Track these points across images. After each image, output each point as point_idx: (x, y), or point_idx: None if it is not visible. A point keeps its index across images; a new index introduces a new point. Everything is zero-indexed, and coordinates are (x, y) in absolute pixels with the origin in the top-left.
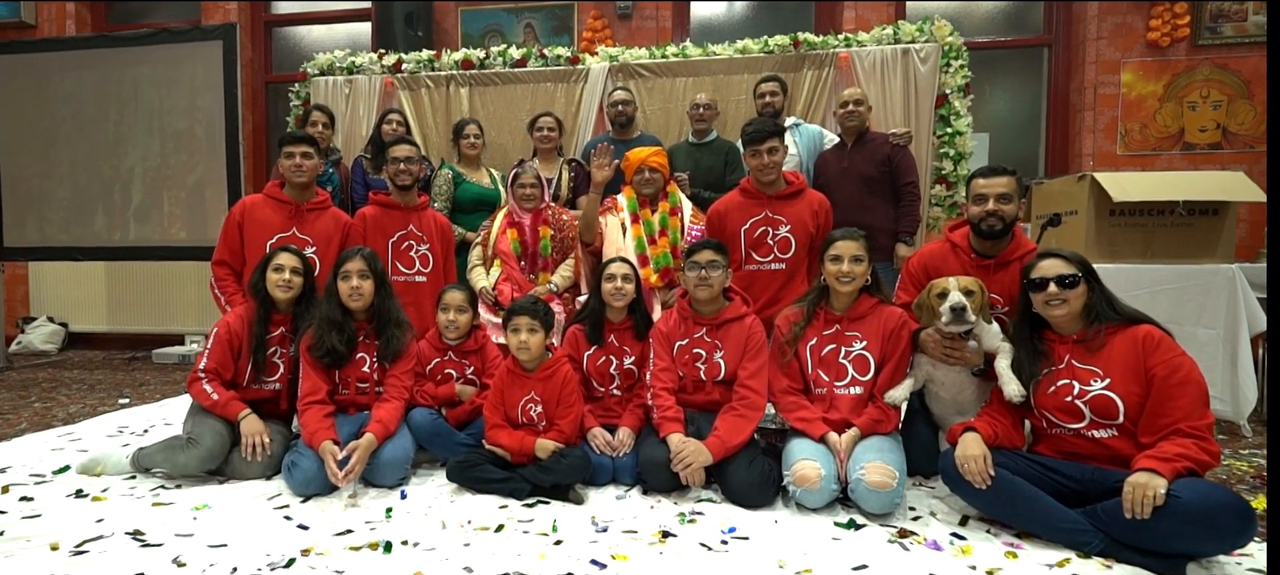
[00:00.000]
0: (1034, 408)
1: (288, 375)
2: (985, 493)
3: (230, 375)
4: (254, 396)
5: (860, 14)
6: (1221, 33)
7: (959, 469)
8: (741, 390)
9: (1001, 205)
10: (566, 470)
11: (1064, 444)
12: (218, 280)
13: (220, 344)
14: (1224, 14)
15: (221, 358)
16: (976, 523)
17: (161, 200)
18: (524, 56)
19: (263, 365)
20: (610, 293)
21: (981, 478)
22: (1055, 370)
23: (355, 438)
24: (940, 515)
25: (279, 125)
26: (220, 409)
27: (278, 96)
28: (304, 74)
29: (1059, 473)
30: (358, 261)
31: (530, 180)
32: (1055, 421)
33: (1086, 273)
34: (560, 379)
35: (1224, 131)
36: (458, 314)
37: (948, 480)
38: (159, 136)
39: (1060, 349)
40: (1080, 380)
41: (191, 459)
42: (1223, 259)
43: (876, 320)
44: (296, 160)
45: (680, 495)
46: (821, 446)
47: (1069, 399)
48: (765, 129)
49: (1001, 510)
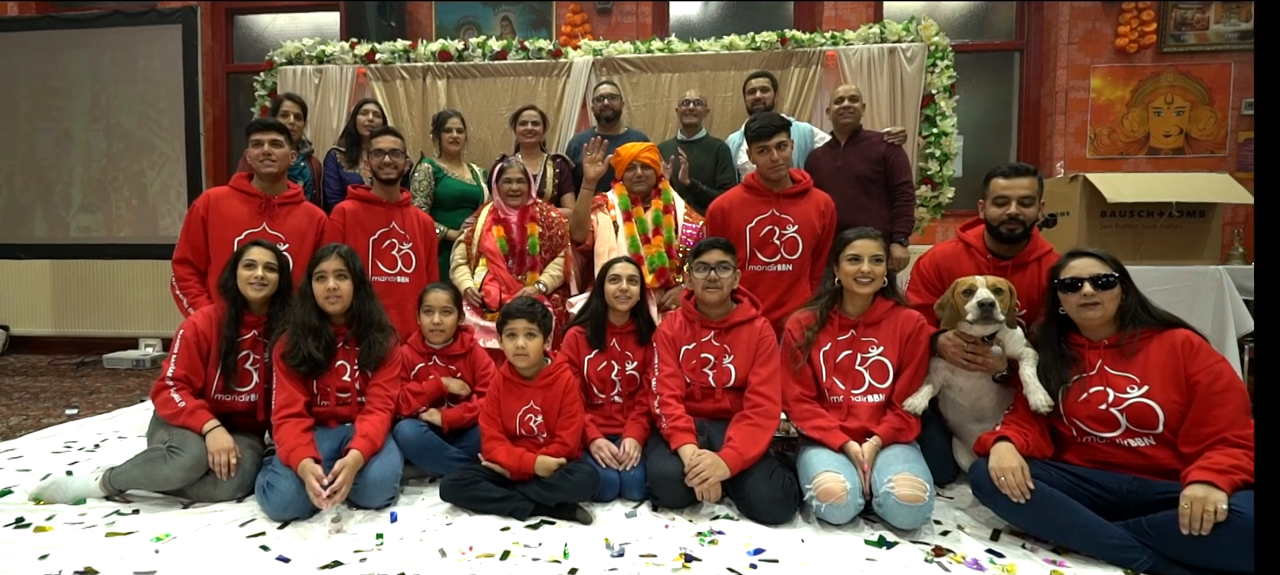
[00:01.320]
0: (1063, 416)
1: (263, 384)
2: (1023, 507)
3: (201, 382)
4: (227, 409)
5: (840, 13)
6: (1185, 40)
7: (994, 481)
8: (754, 398)
9: (1023, 209)
10: (574, 488)
11: (1096, 453)
12: (179, 280)
13: (187, 348)
14: (1187, 22)
15: (190, 363)
16: (1009, 537)
17: (112, 195)
18: (504, 49)
19: (233, 372)
20: (615, 294)
21: (1021, 491)
22: (1086, 377)
23: (337, 454)
24: (969, 529)
25: (241, 118)
26: (183, 419)
27: (239, 88)
28: (270, 62)
29: (1095, 484)
30: (334, 260)
31: (517, 175)
32: (1087, 430)
33: (1121, 273)
34: (561, 387)
35: (1187, 137)
36: (442, 315)
37: (980, 492)
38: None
39: (1091, 355)
40: (1115, 387)
41: (174, 469)
42: (1209, 260)
43: (893, 324)
44: (265, 148)
45: (693, 511)
46: (841, 457)
47: (1103, 407)
48: (773, 123)
49: (1039, 525)
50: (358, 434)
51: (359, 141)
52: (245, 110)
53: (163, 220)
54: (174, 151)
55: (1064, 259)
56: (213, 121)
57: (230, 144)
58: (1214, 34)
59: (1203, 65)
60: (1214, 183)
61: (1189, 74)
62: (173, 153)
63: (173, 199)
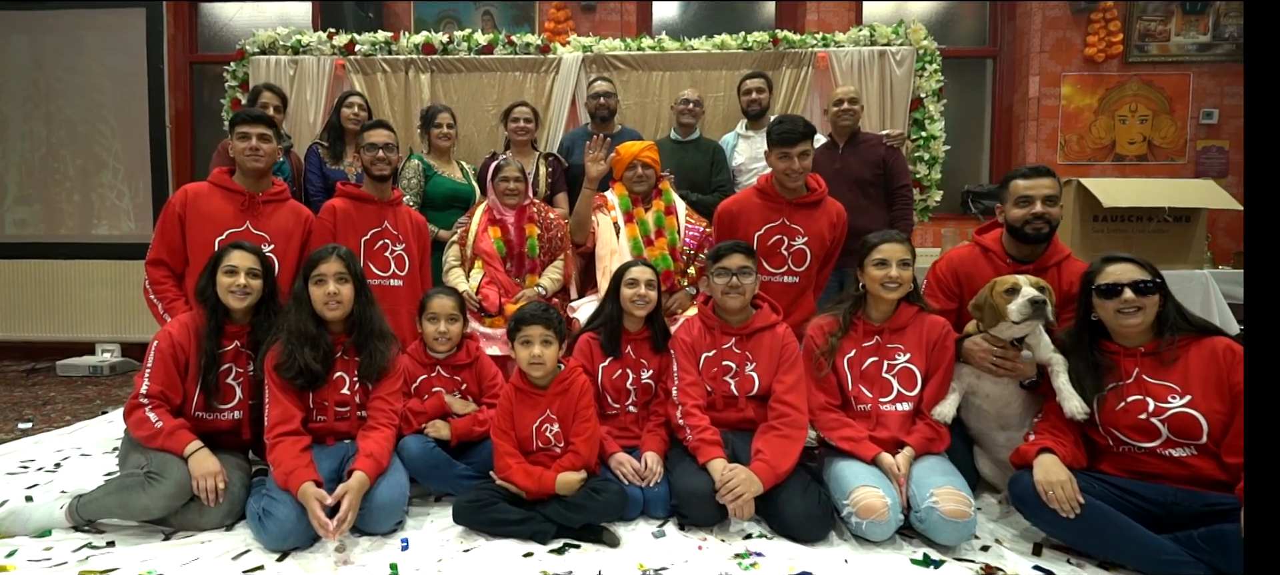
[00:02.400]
0: (1099, 425)
1: (248, 399)
2: (1071, 522)
3: (179, 398)
4: (210, 427)
5: (822, 16)
6: (1148, 51)
7: (1042, 495)
8: (780, 407)
9: (1048, 208)
10: (602, 508)
11: (1134, 463)
12: (153, 283)
13: (162, 360)
14: (1151, 33)
15: (166, 377)
16: (1052, 551)
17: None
18: (490, 43)
19: (215, 388)
20: (633, 299)
21: (1071, 505)
22: (1123, 385)
23: (338, 475)
24: (1008, 543)
25: (206, 111)
26: (161, 441)
27: (204, 79)
28: (241, 52)
29: (1138, 495)
30: (334, 262)
31: (513, 174)
32: (1124, 440)
33: (1160, 280)
34: (576, 392)
35: (1150, 144)
36: (448, 323)
37: (1022, 506)
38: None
39: (1127, 362)
40: (1155, 397)
41: (155, 498)
42: (1194, 264)
43: (918, 330)
44: (252, 143)
45: (723, 529)
46: (874, 469)
47: (1143, 417)
48: (797, 130)
49: (1088, 540)
50: (361, 453)
51: (343, 135)
52: (210, 102)
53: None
54: (132, 145)
55: (1098, 264)
56: (175, 114)
57: (193, 137)
58: (1175, 45)
59: (1164, 75)
60: (1202, 189)
61: (1152, 83)
62: (131, 146)
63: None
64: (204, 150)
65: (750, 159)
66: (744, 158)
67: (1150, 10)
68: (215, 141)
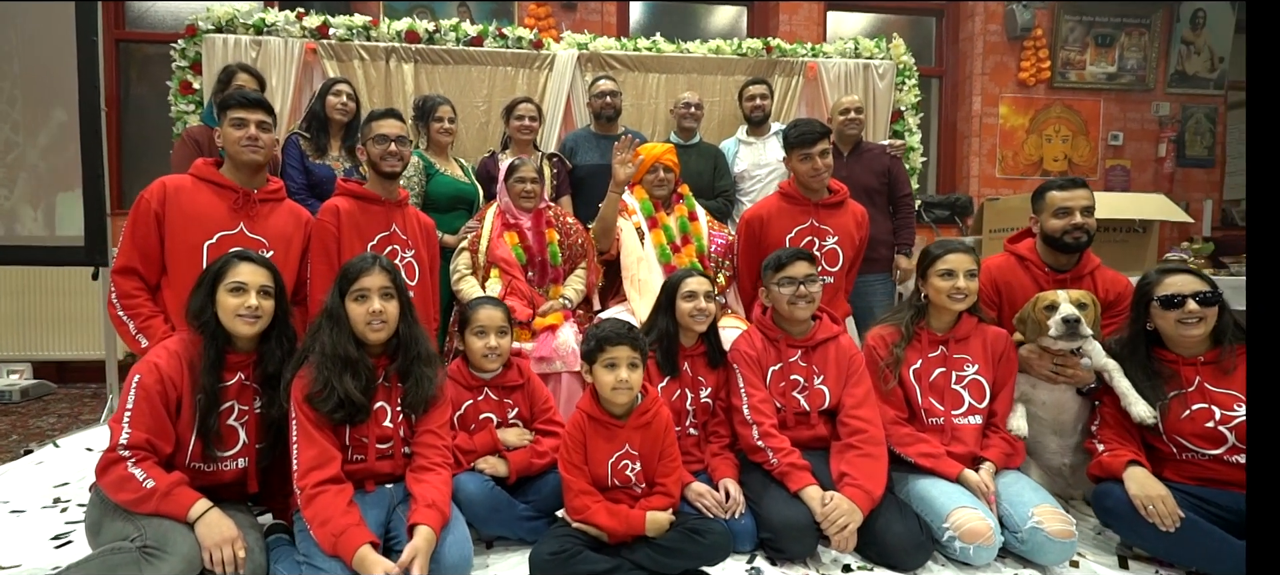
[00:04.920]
0: (1163, 433)
1: (254, 443)
2: (1170, 535)
3: (170, 447)
4: (210, 481)
5: (792, 27)
6: (1069, 78)
7: (1141, 509)
8: (854, 423)
9: (1086, 218)
10: (707, 552)
11: (1199, 470)
12: (122, 296)
13: (148, 401)
14: (1071, 62)
15: (154, 422)
16: (1137, 563)
17: None
18: (480, 34)
19: (215, 433)
20: (691, 314)
21: (1173, 519)
22: (1186, 393)
23: (386, 529)
24: (1092, 557)
25: (134, 97)
26: (155, 503)
27: (131, 60)
28: (193, 28)
29: (1213, 503)
30: (378, 275)
31: (529, 175)
32: (1190, 447)
33: (1219, 291)
34: (660, 426)
35: (1070, 161)
36: (499, 337)
37: (1114, 519)
38: None
39: (1188, 371)
40: (1221, 405)
41: None
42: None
43: (980, 341)
44: (251, 131)
45: (816, 561)
46: (961, 488)
47: (1210, 425)
48: (816, 130)
49: (1182, 552)
50: (419, 503)
51: (327, 127)
52: (138, 87)
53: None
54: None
55: (1155, 276)
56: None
57: (119, 124)
58: (1089, 74)
59: (1081, 100)
60: (1156, 202)
61: (1072, 107)
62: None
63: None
64: (132, 141)
65: (754, 165)
66: (747, 164)
67: (1071, 41)
68: (146, 131)
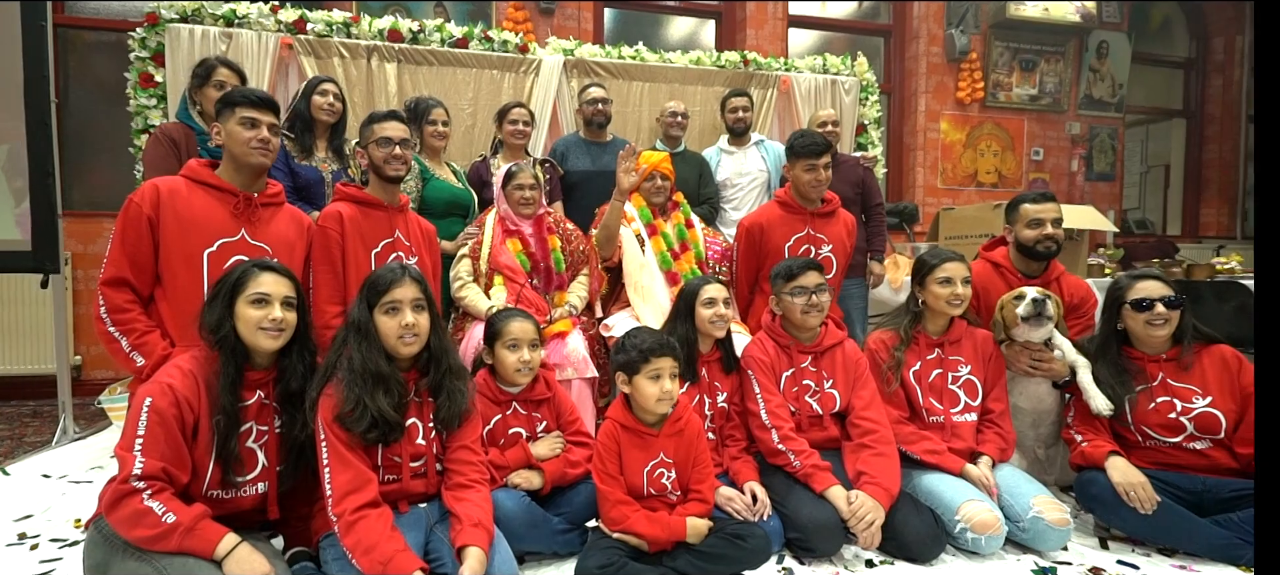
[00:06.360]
0: (1130, 423)
1: (275, 466)
2: (1146, 517)
3: (186, 475)
4: (230, 509)
5: (759, 41)
6: (998, 99)
7: (1123, 495)
8: (864, 424)
9: (1056, 229)
10: (748, 556)
11: (1161, 456)
12: (113, 310)
13: (163, 426)
14: (1000, 84)
15: (170, 449)
16: (1116, 543)
17: None
18: (465, 37)
19: (234, 457)
20: (711, 320)
21: (1152, 503)
22: (1151, 388)
23: (425, 551)
24: (1078, 539)
25: (76, 94)
26: (178, 540)
27: (71, 47)
28: (154, 17)
29: (1175, 486)
30: (410, 286)
31: (528, 182)
32: (1153, 436)
33: (1184, 296)
34: (692, 433)
35: (1000, 174)
36: (531, 351)
37: (1097, 505)
38: None
39: (1151, 367)
40: (1181, 398)
41: None
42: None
43: (971, 343)
44: (263, 132)
45: (841, 559)
46: (965, 482)
47: (1172, 416)
48: (820, 142)
49: (1156, 531)
50: (464, 523)
51: (313, 127)
52: (76, 78)
53: None
54: None
55: (1127, 281)
56: None
57: (62, 120)
58: (1015, 95)
59: (1009, 119)
60: (1088, 213)
61: (1001, 125)
62: None
63: None
64: (72, 137)
65: (736, 174)
66: (729, 172)
67: (1001, 65)
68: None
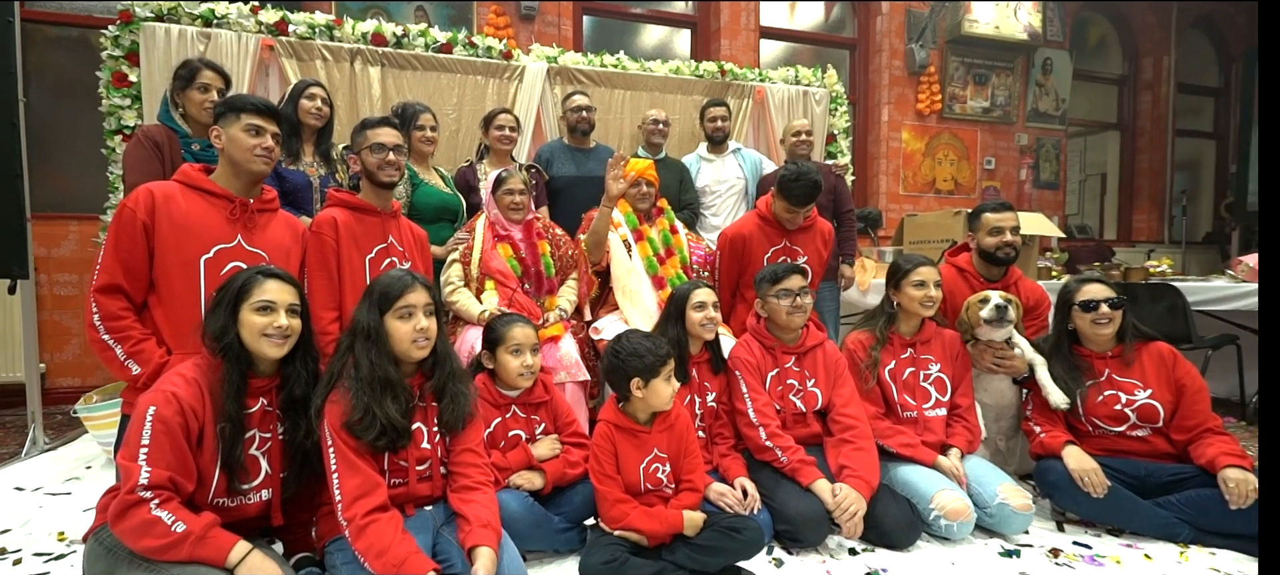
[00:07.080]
0: (1082, 415)
1: (278, 473)
2: (1098, 500)
3: (192, 484)
4: (235, 517)
5: (733, 51)
6: (954, 111)
7: (1078, 481)
8: (844, 420)
9: (1014, 237)
10: (744, 547)
11: (1107, 443)
12: (107, 318)
13: (169, 434)
14: (956, 97)
15: (176, 457)
16: (1071, 525)
17: None
18: (449, 42)
19: (238, 464)
20: (701, 323)
21: (1103, 487)
22: (1099, 382)
23: (434, 553)
24: (1037, 522)
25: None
26: (189, 550)
27: (30, 43)
28: (129, 15)
29: (1121, 471)
30: (421, 292)
31: (518, 187)
32: (1101, 425)
33: (1125, 297)
34: (682, 426)
35: (956, 182)
36: (533, 355)
37: (1055, 490)
38: None
39: (1099, 364)
40: (1125, 391)
41: None
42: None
43: (940, 342)
44: (267, 141)
45: (826, 549)
46: (936, 472)
47: (1118, 407)
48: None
49: (1106, 513)
50: (474, 524)
51: (300, 131)
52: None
53: None
54: None
55: (1075, 285)
56: None
57: None
58: (969, 108)
59: (964, 129)
60: (1037, 219)
61: (957, 135)
62: None
63: None
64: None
65: (715, 181)
66: (708, 180)
67: (956, 78)
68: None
